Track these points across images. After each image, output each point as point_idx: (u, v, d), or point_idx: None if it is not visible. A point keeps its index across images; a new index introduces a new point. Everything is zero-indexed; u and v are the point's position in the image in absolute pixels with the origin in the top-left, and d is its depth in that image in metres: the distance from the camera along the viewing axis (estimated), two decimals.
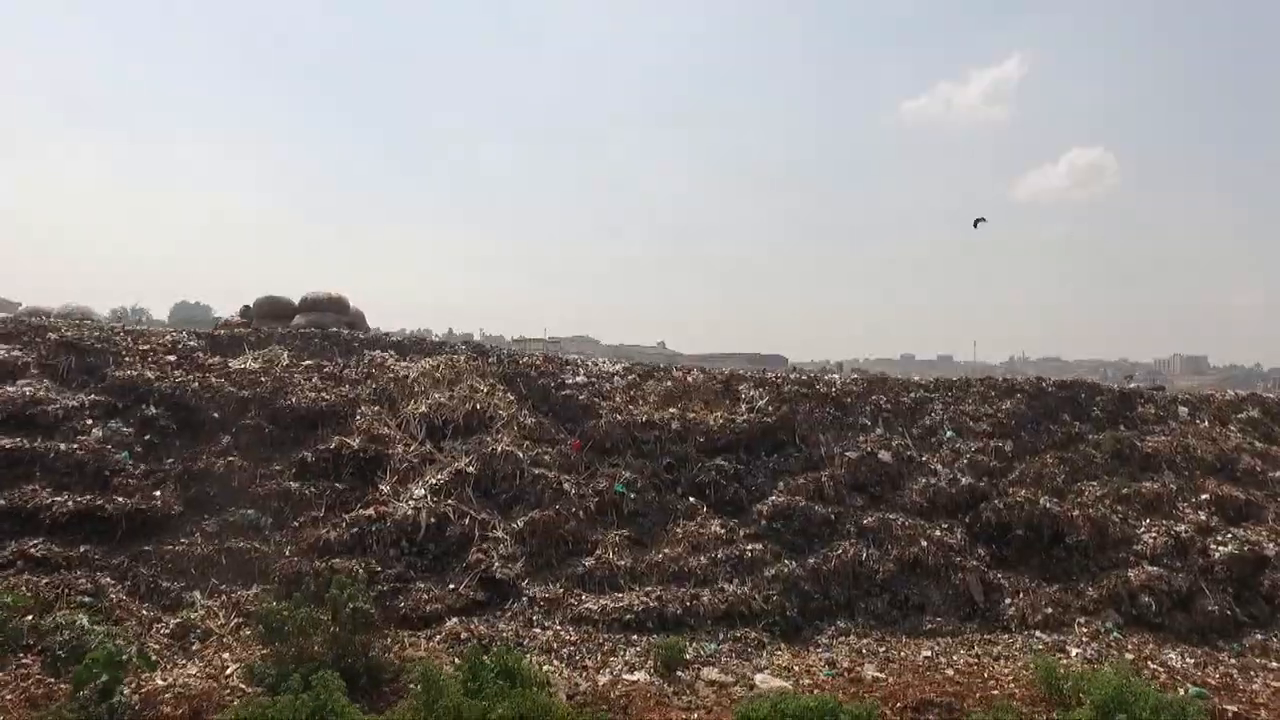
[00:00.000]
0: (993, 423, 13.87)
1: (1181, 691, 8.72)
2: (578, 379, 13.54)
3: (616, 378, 13.91)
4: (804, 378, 14.42)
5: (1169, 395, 15.60)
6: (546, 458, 12.19)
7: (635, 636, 9.88)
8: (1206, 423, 14.70)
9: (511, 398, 13.06)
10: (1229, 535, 12.24)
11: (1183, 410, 14.89)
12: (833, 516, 11.99)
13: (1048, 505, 12.26)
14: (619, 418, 12.71)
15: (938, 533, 11.92)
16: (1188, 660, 9.92)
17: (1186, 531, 12.17)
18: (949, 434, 13.54)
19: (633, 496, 11.87)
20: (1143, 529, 12.28)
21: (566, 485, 11.81)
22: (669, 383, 13.75)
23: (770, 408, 13.38)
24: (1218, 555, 11.79)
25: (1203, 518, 12.54)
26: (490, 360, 13.90)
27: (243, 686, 7.85)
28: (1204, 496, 12.97)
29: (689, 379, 13.93)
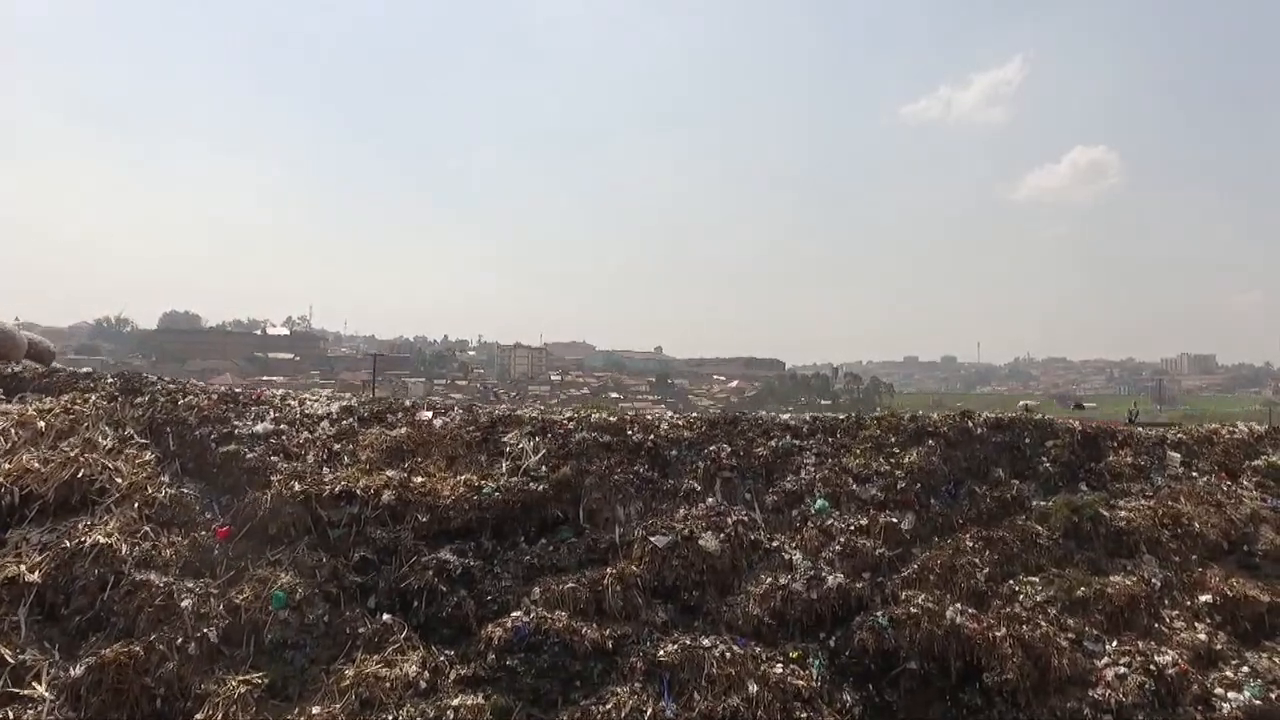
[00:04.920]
0: (887, 485, 9.31)
1: None
2: (258, 427, 9.10)
3: (324, 423, 9.46)
4: (609, 421, 9.84)
5: (1155, 434, 10.99)
6: (168, 553, 7.79)
7: None
8: (1209, 475, 10.14)
9: (150, 456, 8.64)
10: (1243, 669, 7.77)
11: (1174, 457, 10.28)
12: (610, 644, 7.58)
13: (958, 620, 7.82)
14: (298, 486, 8.29)
15: (779, 669, 7.52)
16: None
17: (1175, 663, 7.71)
18: (819, 503, 9.06)
19: (287, 615, 7.50)
20: (1106, 659, 7.81)
21: (184, 599, 7.43)
22: (404, 429, 9.33)
23: (545, 467, 8.93)
24: (1227, 708, 7.36)
25: (1201, 637, 8.07)
26: (138, 401, 9.45)
27: None
28: (1204, 599, 8.49)
29: (436, 423, 9.49)
